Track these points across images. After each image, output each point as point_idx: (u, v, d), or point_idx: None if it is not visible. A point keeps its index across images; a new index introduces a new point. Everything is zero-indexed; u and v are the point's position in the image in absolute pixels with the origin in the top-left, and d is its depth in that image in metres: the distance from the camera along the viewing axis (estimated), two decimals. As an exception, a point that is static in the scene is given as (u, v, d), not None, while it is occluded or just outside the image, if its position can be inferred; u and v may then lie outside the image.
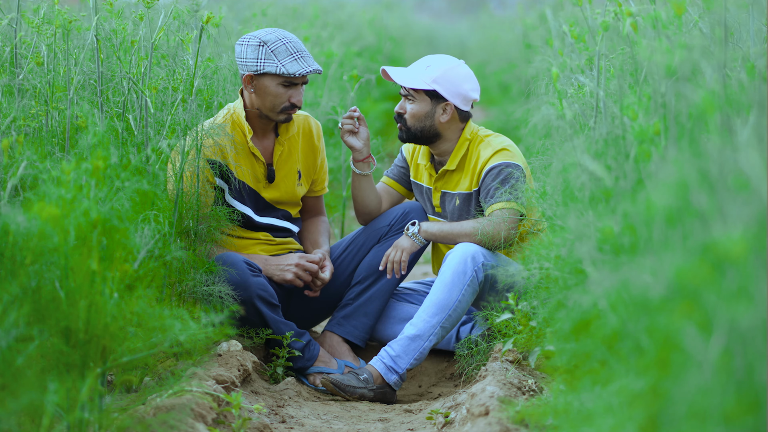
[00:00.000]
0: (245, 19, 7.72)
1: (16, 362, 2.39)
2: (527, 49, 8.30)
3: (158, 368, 3.16)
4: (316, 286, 3.98)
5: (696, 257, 1.71)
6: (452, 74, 3.90)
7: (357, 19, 13.01)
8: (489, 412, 2.89)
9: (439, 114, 3.90)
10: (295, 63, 3.79)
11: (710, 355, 1.67)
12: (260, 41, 3.79)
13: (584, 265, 2.44)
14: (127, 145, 3.43)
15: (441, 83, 3.89)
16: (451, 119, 3.92)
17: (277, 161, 3.97)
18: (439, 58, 3.95)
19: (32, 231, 2.48)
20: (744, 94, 2.33)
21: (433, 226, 3.92)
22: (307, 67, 3.80)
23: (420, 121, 3.91)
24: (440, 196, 4.02)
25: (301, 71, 3.78)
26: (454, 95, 3.90)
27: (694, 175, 1.82)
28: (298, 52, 3.80)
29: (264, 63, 3.78)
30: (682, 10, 2.56)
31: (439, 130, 3.93)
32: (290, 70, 3.78)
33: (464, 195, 3.94)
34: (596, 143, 2.73)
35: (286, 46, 3.79)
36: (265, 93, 3.82)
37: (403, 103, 3.95)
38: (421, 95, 3.91)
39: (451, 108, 3.90)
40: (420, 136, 3.94)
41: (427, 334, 3.80)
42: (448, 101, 3.89)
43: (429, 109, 3.90)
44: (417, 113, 3.91)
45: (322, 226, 4.19)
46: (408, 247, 3.94)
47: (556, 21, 6.34)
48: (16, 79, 3.46)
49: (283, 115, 3.87)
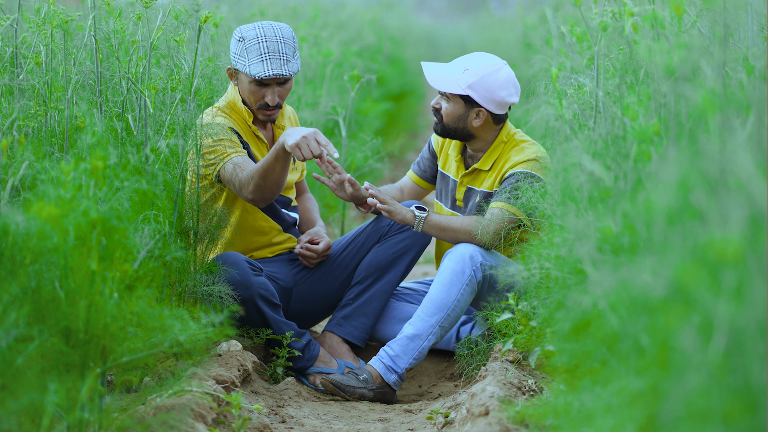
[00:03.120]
0: (245, 19, 7.72)
1: (16, 362, 2.39)
2: (527, 49, 8.30)
3: (158, 368, 3.16)
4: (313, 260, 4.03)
5: (693, 258, 1.72)
6: (489, 81, 3.85)
7: (357, 19, 13.01)
8: (489, 412, 2.89)
9: (472, 118, 3.87)
10: (260, 64, 3.76)
11: (709, 356, 1.67)
12: (241, 36, 3.80)
13: (584, 265, 2.44)
14: (126, 145, 3.43)
15: (476, 89, 3.85)
16: (484, 123, 3.89)
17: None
18: (479, 60, 3.90)
19: (32, 231, 2.48)
20: (743, 94, 2.33)
21: (437, 218, 3.89)
22: (269, 70, 3.75)
23: (454, 121, 3.89)
24: (465, 191, 4.00)
25: (262, 74, 3.75)
26: (488, 101, 3.85)
27: (692, 175, 1.82)
28: (269, 53, 3.75)
29: (237, 59, 3.80)
30: (681, 10, 2.56)
31: (473, 132, 3.91)
32: (252, 71, 3.76)
33: (485, 193, 3.93)
34: (596, 143, 2.73)
35: (259, 45, 3.76)
36: (242, 88, 3.85)
37: (439, 99, 3.94)
38: (456, 98, 3.88)
39: (485, 113, 3.86)
40: (454, 135, 3.93)
41: (425, 334, 3.80)
42: (481, 107, 3.87)
43: (462, 112, 3.88)
44: (451, 114, 3.89)
45: (311, 203, 4.27)
46: (400, 215, 3.87)
47: (556, 21, 6.34)
48: (16, 79, 3.46)
49: (260, 112, 3.86)
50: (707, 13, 3.01)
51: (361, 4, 16.48)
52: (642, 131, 2.40)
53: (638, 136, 2.41)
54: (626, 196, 2.42)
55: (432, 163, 4.17)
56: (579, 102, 3.15)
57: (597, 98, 2.98)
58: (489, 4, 24.69)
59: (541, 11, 8.67)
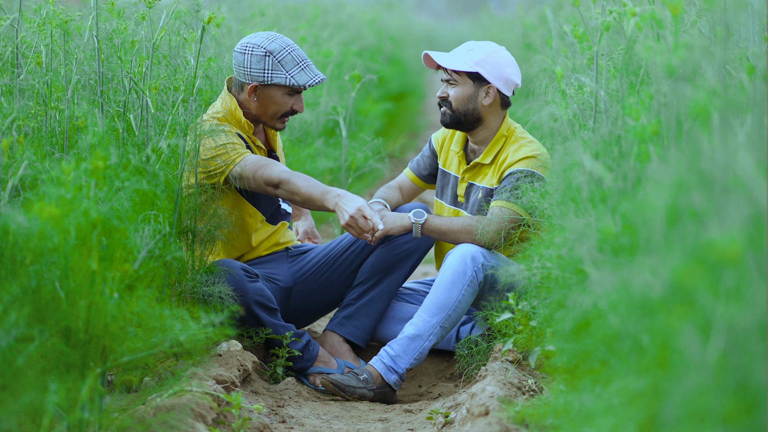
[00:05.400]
0: (245, 19, 7.72)
1: (17, 362, 2.39)
2: (527, 49, 8.30)
3: (158, 368, 3.16)
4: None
5: (693, 258, 1.72)
6: (494, 58, 3.92)
7: (357, 19, 13.02)
8: (489, 412, 2.89)
9: (482, 97, 3.92)
10: (303, 74, 3.84)
11: (708, 356, 1.67)
12: (265, 51, 3.80)
13: (585, 265, 2.44)
14: (127, 145, 3.43)
15: (483, 66, 3.90)
16: (493, 103, 3.93)
17: (275, 147, 4.05)
18: (481, 43, 3.98)
19: (32, 231, 2.48)
20: (743, 94, 2.33)
21: (437, 221, 3.89)
22: (315, 77, 3.87)
23: (464, 103, 3.92)
24: (466, 186, 4.01)
25: (311, 82, 3.86)
26: (496, 78, 3.91)
27: (689, 175, 1.82)
28: (303, 61, 3.85)
29: (272, 74, 3.81)
30: (679, 10, 2.56)
31: (482, 114, 3.94)
32: (300, 81, 3.84)
33: (487, 190, 3.94)
34: (596, 143, 2.73)
35: (292, 56, 3.83)
36: (270, 102, 3.86)
37: (444, 88, 3.97)
38: (464, 78, 3.93)
39: (494, 91, 3.92)
40: (463, 120, 3.95)
41: (426, 334, 3.80)
42: (490, 84, 3.91)
43: (472, 91, 3.92)
44: (461, 96, 3.93)
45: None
46: (397, 228, 3.87)
47: (555, 21, 6.35)
48: (16, 79, 3.46)
49: (281, 121, 3.93)
50: (707, 13, 3.01)
51: (361, 4, 16.49)
52: (641, 131, 2.40)
53: (637, 136, 2.42)
54: (626, 196, 2.43)
55: (432, 162, 4.18)
56: (579, 102, 3.15)
57: (597, 98, 2.98)
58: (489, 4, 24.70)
59: (541, 11, 8.68)
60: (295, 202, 3.78)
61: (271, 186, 3.75)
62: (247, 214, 3.94)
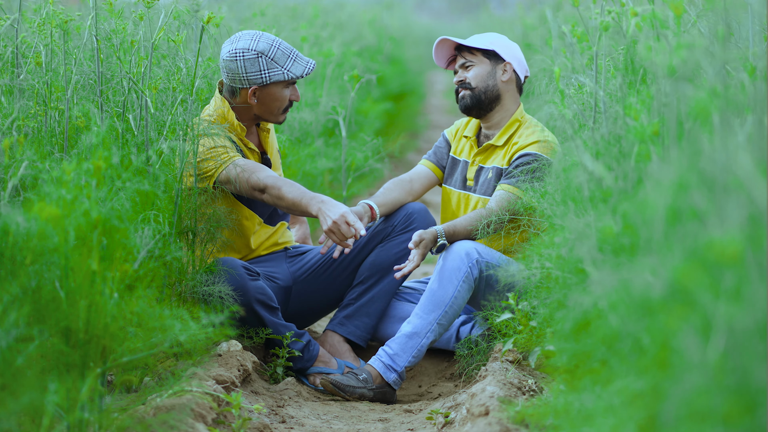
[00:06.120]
0: (245, 19, 7.72)
1: (16, 362, 2.39)
2: (527, 49, 8.30)
3: (158, 368, 3.16)
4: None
5: (693, 258, 1.72)
6: (505, 41, 4.06)
7: (357, 19, 13.02)
8: (489, 412, 2.89)
9: (500, 74, 4.03)
10: (296, 64, 3.88)
11: (708, 357, 1.67)
12: (256, 53, 3.82)
13: (585, 264, 2.44)
14: (128, 145, 3.43)
15: (498, 46, 4.03)
16: (510, 80, 4.03)
17: (267, 149, 4.05)
18: (486, 33, 4.13)
19: (32, 231, 2.48)
20: (744, 95, 2.33)
21: (452, 227, 3.91)
22: (308, 64, 3.91)
23: (483, 80, 4.02)
24: (476, 170, 4.06)
25: (306, 70, 3.90)
26: (511, 57, 4.03)
27: (689, 175, 1.82)
28: (293, 52, 3.90)
29: (269, 73, 3.83)
30: (681, 10, 2.57)
31: (501, 91, 4.03)
32: (296, 72, 3.88)
33: (497, 170, 4.00)
34: (596, 143, 2.73)
35: (281, 50, 3.87)
36: (272, 99, 3.88)
37: (461, 73, 4.06)
38: (480, 57, 4.03)
39: (511, 68, 4.02)
40: (483, 99, 4.02)
41: (424, 331, 3.81)
42: (506, 61, 4.02)
43: (490, 69, 4.03)
44: (479, 74, 4.03)
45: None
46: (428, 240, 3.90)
47: (555, 21, 6.35)
48: (16, 79, 3.46)
49: (284, 115, 3.96)
50: (707, 13, 3.01)
51: (361, 4, 16.49)
52: (641, 131, 2.40)
53: (638, 136, 2.42)
54: (627, 196, 2.42)
55: (448, 152, 4.22)
56: (579, 102, 3.15)
57: (597, 98, 2.98)
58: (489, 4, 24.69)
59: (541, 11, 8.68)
60: (280, 207, 3.81)
61: (258, 191, 3.78)
62: (244, 217, 3.94)
